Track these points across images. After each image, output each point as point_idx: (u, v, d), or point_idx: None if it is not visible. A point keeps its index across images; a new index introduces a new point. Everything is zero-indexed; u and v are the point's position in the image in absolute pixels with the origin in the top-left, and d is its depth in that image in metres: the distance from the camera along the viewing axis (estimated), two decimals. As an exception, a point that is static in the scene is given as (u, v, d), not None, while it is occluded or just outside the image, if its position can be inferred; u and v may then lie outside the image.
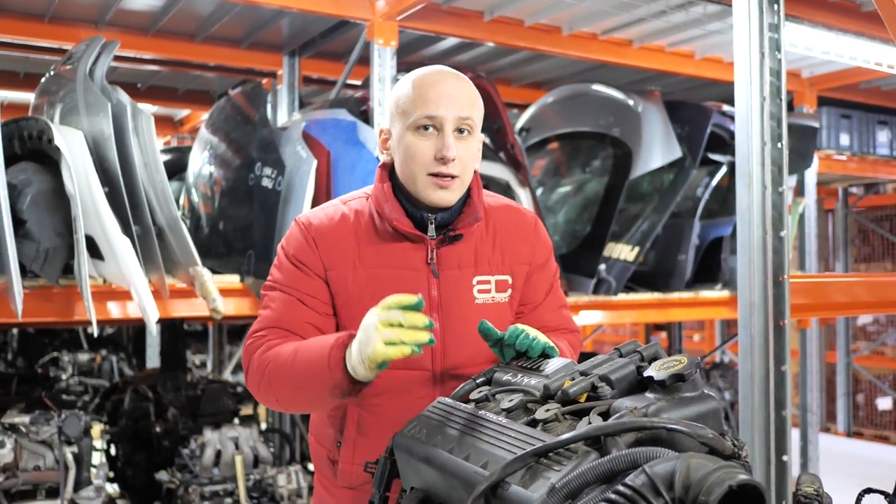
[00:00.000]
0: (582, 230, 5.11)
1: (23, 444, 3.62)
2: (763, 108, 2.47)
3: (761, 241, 2.50)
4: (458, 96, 1.73)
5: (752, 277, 2.52)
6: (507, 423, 1.28)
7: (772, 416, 2.46)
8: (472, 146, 1.76)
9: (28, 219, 3.25)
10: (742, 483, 0.91)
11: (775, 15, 2.52)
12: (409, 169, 1.73)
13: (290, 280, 1.76)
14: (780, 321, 2.49)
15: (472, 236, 1.80)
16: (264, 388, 1.71)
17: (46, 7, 4.43)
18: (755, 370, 2.51)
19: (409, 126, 1.72)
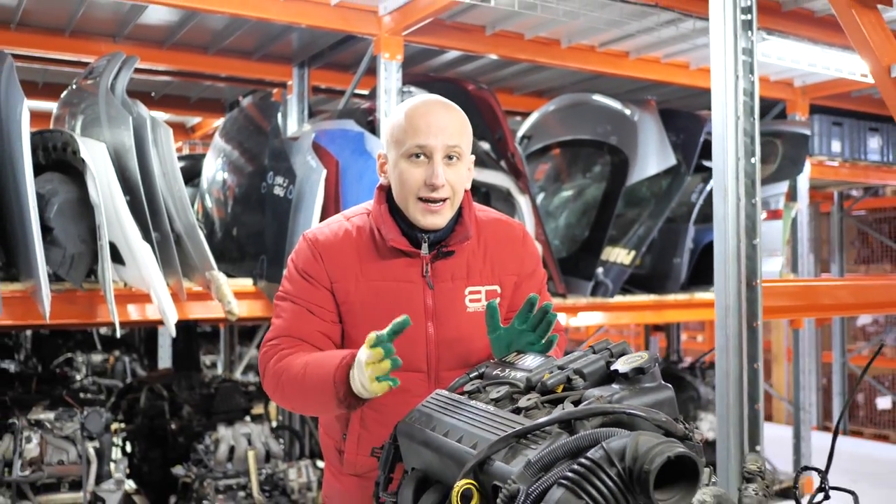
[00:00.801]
0: (580, 234, 5.30)
1: (48, 440, 3.82)
2: (737, 125, 2.67)
3: (735, 249, 2.70)
4: (446, 126, 1.90)
5: (727, 282, 2.72)
6: (494, 411, 1.48)
7: (745, 409, 2.66)
8: (460, 171, 1.93)
9: (55, 226, 3.46)
10: (679, 454, 1.11)
11: (749, 40, 2.71)
12: (402, 194, 1.92)
13: (300, 291, 1.95)
14: (753, 322, 2.68)
15: (464, 250, 1.99)
16: (279, 396, 1.91)
17: (67, 22, 4.64)
18: (730, 368, 2.71)
19: (402, 154, 1.90)
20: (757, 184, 2.66)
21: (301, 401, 1.90)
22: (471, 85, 4.84)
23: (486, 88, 4.82)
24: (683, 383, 6.04)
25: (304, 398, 1.86)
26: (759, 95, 2.71)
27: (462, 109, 4.94)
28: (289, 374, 1.86)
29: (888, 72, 2.70)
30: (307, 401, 1.88)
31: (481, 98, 4.78)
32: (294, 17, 4.23)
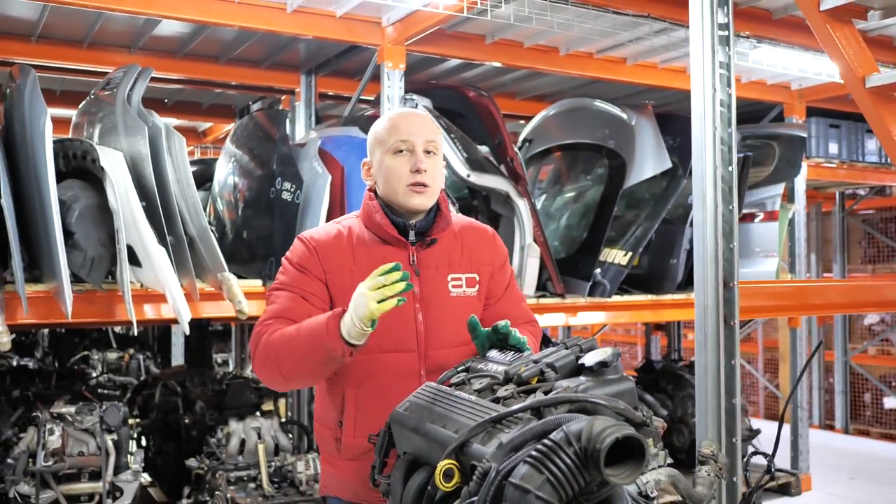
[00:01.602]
0: (579, 236, 5.46)
1: (69, 432, 4.03)
2: (715, 135, 2.83)
3: (714, 252, 2.87)
4: (423, 125, 2.20)
5: (705, 283, 2.89)
6: (475, 400, 1.65)
7: (723, 403, 2.82)
8: (437, 163, 2.21)
9: (76, 231, 3.65)
10: (626, 436, 1.28)
11: (726, 54, 2.88)
12: (391, 184, 2.17)
13: (294, 280, 2.16)
14: (730, 321, 2.85)
15: (445, 242, 2.24)
16: (270, 364, 2.05)
17: (85, 34, 4.84)
18: (708, 364, 2.88)
19: (388, 151, 2.18)
20: (734, 190, 2.82)
21: (293, 362, 2.01)
22: (471, 92, 5.01)
23: (485, 95, 4.99)
24: (682, 381, 6.20)
25: (296, 357, 2.00)
26: (736, 105, 2.90)
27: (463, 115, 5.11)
28: (281, 340, 2.02)
29: (863, 83, 2.85)
30: (299, 360, 2.00)
31: (481, 104, 4.96)
32: (300, 29, 4.41)
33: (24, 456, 3.85)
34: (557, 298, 5.00)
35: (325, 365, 2.00)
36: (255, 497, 4.37)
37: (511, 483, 1.31)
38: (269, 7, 4.28)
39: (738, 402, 2.85)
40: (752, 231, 6.12)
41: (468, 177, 4.56)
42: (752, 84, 6.03)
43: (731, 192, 2.86)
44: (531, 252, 4.78)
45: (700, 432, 2.90)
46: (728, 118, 2.86)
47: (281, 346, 2.03)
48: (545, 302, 4.96)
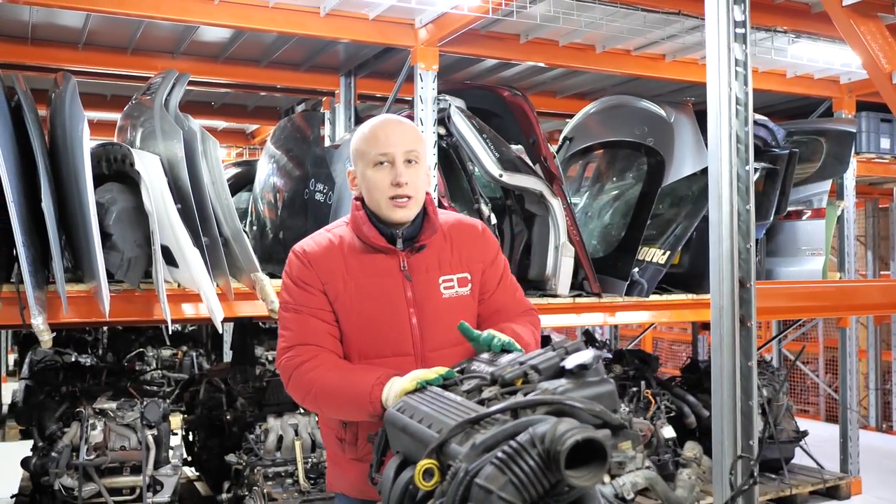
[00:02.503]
0: (617, 235, 5.42)
1: (111, 427, 4.17)
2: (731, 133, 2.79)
3: (729, 252, 2.82)
4: (403, 134, 2.20)
5: (721, 283, 2.84)
6: (461, 401, 1.68)
7: (738, 405, 2.78)
8: (419, 172, 2.21)
9: (113, 232, 3.78)
10: (586, 438, 1.28)
11: (743, 52, 2.83)
12: (373, 197, 2.19)
13: (300, 299, 2.20)
14: (747, 322, 2.80)
15: (434, 246, 2.25)
16: (310, 403, 2.17)
17: (129, 41, 5.00)
18: (724, 365, 2.83)
19: (368, 163, 2.19)
20: (750, 189, 2.78)
21: (333, 412, 2.19)
22: (505, 91, 5.02)
23: (519, 94, 4.99)
24: (726, 381, 6.09)
25: (337, 410, 2.15)
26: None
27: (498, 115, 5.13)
28: (321, 388, 2.11)
29: (889, 78, 2.78)
30: (338, 412, 2.17)
31: (515, 104, 4.96)
32: (335, 33, 4.48)
33: (67, 450, 4.00)
34: (594, 298, 4.97)
35: (362, 418, 2.09)
36: (292, 493, 4.45)
37: (476, 483, 1.33)
38: (302, 11, 4.36)
39: (754, 405, 2.80)
40: (799, 229, 5.98)
41: (500, 176, 4.56)
42: (799, 79, 5.89)
43: (747, 192, 2.81)
44: (565, 251, 4.76)
45: (716, 435, 2.86)
46: (745, 116, 2.82)
47: (322, 394, 2.12)
48: (581, 301, 4.94)
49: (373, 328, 2.20)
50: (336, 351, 2.20)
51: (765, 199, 5.73)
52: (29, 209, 3.61)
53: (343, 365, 2.17)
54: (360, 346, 2.21)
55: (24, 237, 3.44)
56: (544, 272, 4.85)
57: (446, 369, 1.89)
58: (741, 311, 2.81)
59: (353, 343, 2.22)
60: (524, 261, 4.99)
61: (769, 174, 5.69)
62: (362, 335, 2.21)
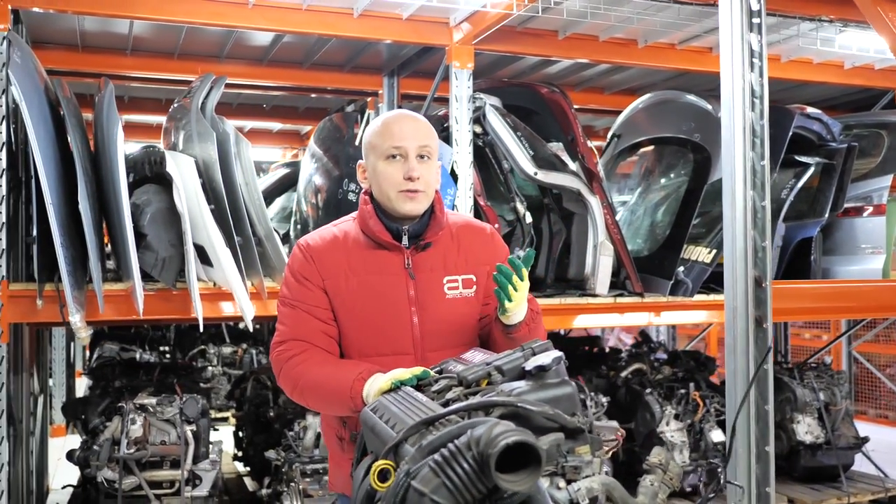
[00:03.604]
0: (662, 233, 5.30)
1: (151, 422, 4.28)
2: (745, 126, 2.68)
3: (744, 250, 2.71)
4: (416, 130, 2.18)
5: (735, 283, 2.74)
6: (425, 402, 1.66)
7: (752, 410, 2.67)
8: (431, 168, 2.20)
9: (148, 233, 3.88)
10: (517, 442, 1.25)
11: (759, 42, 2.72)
12: (383, 190, 2.18)
13: (297, 295, 2.21)
14: (763, 323, 2.69)
15: (440, 245, 2.23)
16: (297, 396, 2.20)
17: (174, 46, 5.12)
18: (738, 368, 2.73)
19: (380, 156, 2.18)
20: (766, 185, 2.67)
21: (317, 405, 2.22)
22: (543, 88, 4.96)
23: (557, 91, 4.93)
24: (780, 384, 5.88)
25: (320, 403, 2.18)
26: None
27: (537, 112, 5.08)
28: (306, 381, 2.14)
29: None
30: (322, 405, 2.20)
31: (553, 100, 4.90)
32: (369, 33, 4.51)
33: (107, 443, 4.12)
34: (636, 297, 4.88)
35: (345, 413, 2.11)
36: (327, 490, 4.49)
37: (412, 485, 1.31)
38: (336, 12, 4.40)
39: (770, 409, 2.69)
40: (858, 226, 5.74)
41: (536, 174, 4.52)
42: (858, 70, 5.66)
43: (763, 187, 2.70)
44: (604, 250, 4.68)
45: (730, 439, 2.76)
46: (761, 109, 2.71)
47: (307, 387, 2.14)
48: (623, 301, 4.85)
49: (373, 326, 2.20)
50: (328, 349, 2.21)
51: (820, 195, 5.53)
52: (69, 211, 3.73)
53: (329, 360, 2.17)
54: (360, 344, 2.22)
55: (63, 238, 3.55)
56: (583, 271, 4.78)
57: (422, 369, 1.88)
58: (757, 311, 2.70)
59: (352, 340, 2.23)
60: (563, 260, 4.93)
61: (825, 169, 5.49)
62: (362, 332, 2.21)
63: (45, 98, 3.90)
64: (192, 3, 4.13)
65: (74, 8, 4.01)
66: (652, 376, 5.80)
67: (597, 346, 6.94)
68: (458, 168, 4.50)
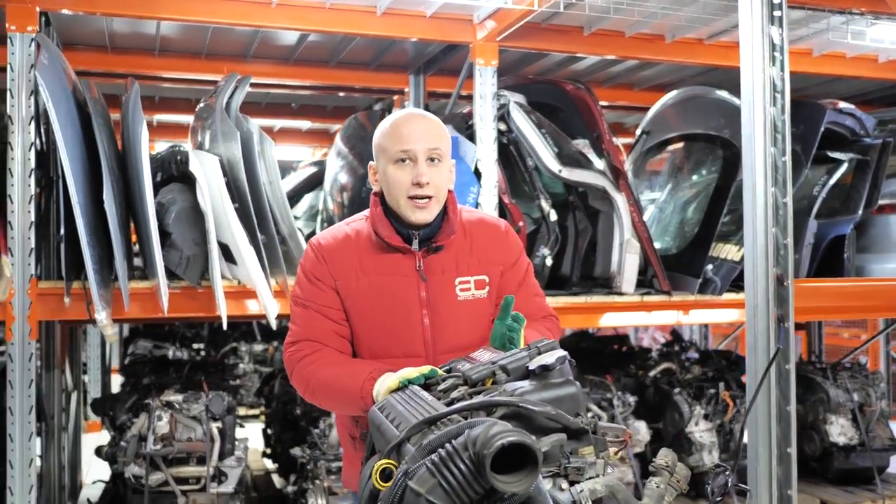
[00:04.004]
0: (690, 231, 5.24)
1: (178, 419, 4.32)
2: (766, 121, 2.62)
3: (764, 247, 2.66)
4: (426, 132, 2.14)
5: (756, 281, 2.68)
6: (431, 401, 1.65)
7: (773, 411, 2.61)
8: (442, 171, 2.16)
9: (173, 231, 3.92)
10: (513, 442, 1.23)
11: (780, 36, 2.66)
12: (393, 195, 2.15)
13: (309, 295, 2.20)
14: (784, 322, 2.64)
15: (453, 245, 2.20)
16: (309, 396, 2.19)
17: (202, 46, 5.16)
18: (758, 369, 2.67)
19: (389, 160, 2.14)
20: (788, 181, 2.61)
21: (329, 404, 2.22)
22: (569, 85, 4.93)
23: (583, 87, 4.89)
24: (813, 385, 5.78)
25: (332, 403, 2.18)
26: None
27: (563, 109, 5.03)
28: (318, 381, 2.13)
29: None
30: (333, 405, 2.20)
31: (579, 97, 4.86)
32: (392, 31, 4.50)
33: (134, 440, 4.17)
34: (663, 296, 4.82)
35: (356, 412, 2.10)
36: (348, 487, 4.50)
37: (408, 485, 1.30)
38: (359, 11, 4.39)
39: (792, 410, 2.63)
40: (894, 224, 5.62)
41: (560, 172, 4.49)
42: (893, 63, 5.53)
43: (785, 183, 2.65)
44: (630, 248, 4.64)
45: (751, 443, 2.71)
46: (782, 104, 2.65)
47: (319, 387, 2.13)
48: (649, 300, 4.80)
49: (384, 328, 2.18)
50: (340, 349, 2.20)
51: (854, 192, 5.42)
52: (96, 210, 3.78)
53: (340, 359, 2.17)
54: (371, 346, 2.20)
55: (90, 237, 3.60)
56: (609, 269, 4.74)
57: (431, 368, 1.86)
58: (779, 310, 2.65)
59: (364, 342, 2.22)
60: (589, 258, 4.89)
61: (858, 165, 5.38)
62: (373, 334, 2.20)
63: (72, 99, 3.95)
64: (215, 3, 4.15)
65: (100, 9, 4.06)
66: (681, 376, 5.74)
67: (626, 345, 6.88)
68: (481, 166, 4.48)
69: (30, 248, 3.80)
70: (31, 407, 3.79)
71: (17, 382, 3.76)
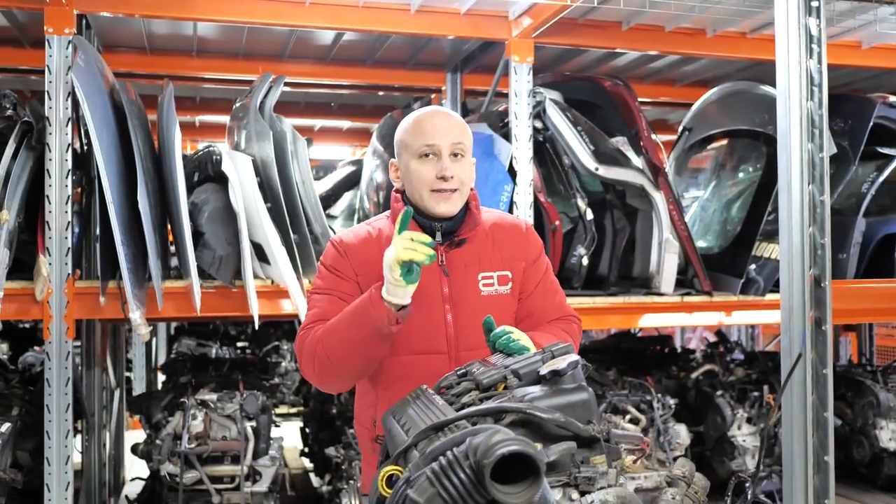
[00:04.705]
0: (733, 230, 5.11)
1: (212, 418, 4.34)
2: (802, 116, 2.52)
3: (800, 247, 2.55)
4: (450, 127, 2.12)
5: (791, 282, 2.57)
6: (441, 406, 1.60)
7: (809, 417, 2.50)
8: (465, 166, 2.13)
9: (206, 231, 3.93)
10: (514, 452, 1.18)
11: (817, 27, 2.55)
12: (416, 189, 2.12)
13: (329, 283, 2.17)
14: (822, 325, 2.52)
15: (475, 241, 2.17)
16: (319, 358, 2.04)
17: (238, 46, 5.19)
18: (794, 373, 2.56)
19: (413, 155, 2.11)
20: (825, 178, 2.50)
21: (341, 349, 2.01)
22: (606, 81, 4.83)
23: (621, 84, 4.79)
24: (863, 388, 5.60)
25: (344, 341, 2.00)
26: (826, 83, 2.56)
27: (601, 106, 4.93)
28: (325, 331, 2.03)
29: None
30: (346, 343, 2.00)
31: (617, 93, 4.77)
32: (426, 29, 4.46)
33: (168, 438, 4.20)
34: (704, 296, 4.71)
35: (373, 339, 1.98)
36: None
37: (408, 495, 1.26)
38: (392, 9, 4.36)
39: (830, 417, 2.52)
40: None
41: (596, 170, 4.40)
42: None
43: (822, 180, 2.54)
44: (669, 247, 4.53)
45: (786, 448, 2.60)
46: (819, 98, 2.54)
47: (327, 334, 2.03)
48: (689, 300, 4.69)
49: (406, 323, 2.14)
50: None
51: (906, 189, 5.24)
52: (132, 210, 3.82)
53: None
54: (393, 342, 2.14)
55: (124, 236, 3.63)
56: (648, 269, 4.64)
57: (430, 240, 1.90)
58: (816, 312, 2.54)
59: None
60: (628, 258, 4.80)
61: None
62: None
63: (109, 100, 3.99)
64: (248, 3, 4.16)
65: (135, 11, 4.08)
66: (724, 378, 5.61)
67: (668, 345, 6.75)
68: (517, 164, 4.41)
69: (66, 248, 3.84)
70: (69, 405, 3.84)
71: (55, 380, 3.81)
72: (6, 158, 3.82)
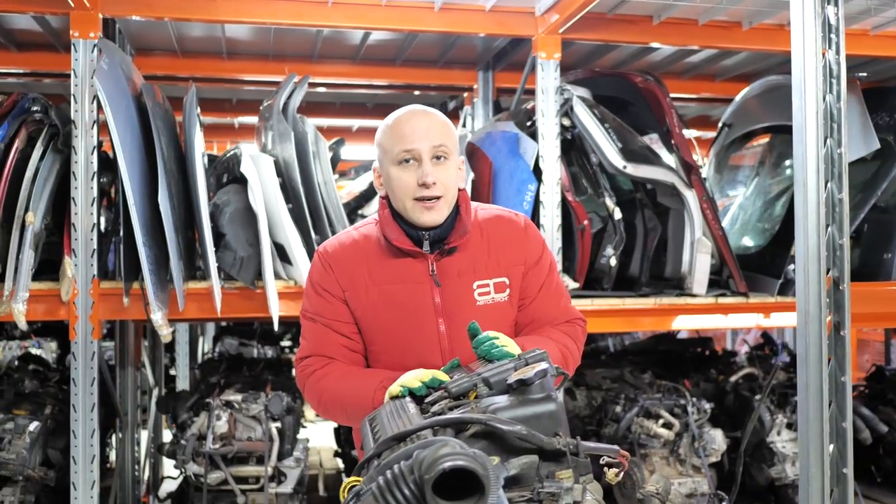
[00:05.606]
0: (771, 229, 4.94)
1: (237, 418, 4.35)
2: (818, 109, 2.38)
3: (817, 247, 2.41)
4: (429, 128, 1.99)
5: (808, 284, 2.44)
6: (412, 414, 1.55)
7: (825, 427, 2.37)
8: (449, 169, 2.01)
9: (227, 232, 3.94)
10: (458, 467, 1.11)
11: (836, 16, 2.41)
12: (398, 198, 2.02)
13: (317, 308, 2.10)
14: (840, 330, 2.38)
15: (468, 247, 2.06)
16: (322, 412, 2.11)
17: (267, 47, 5.20)
18: (810, 380, 2.42)
19: (392, 162, 2.01)
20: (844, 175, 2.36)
21: (343, 419, 2.12)
22: (637, 77, 4.72)
23: (652, 80, 4.67)
24: None
25: (345, 417, 2.06)
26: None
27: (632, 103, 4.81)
28: (329, 395, 2.04)
29: None
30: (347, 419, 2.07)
31: (648, 90, 4.65)
32: (450, 27, 4.41)
33: (193, 438, 4.22)
34: (739, 298, 4.56)
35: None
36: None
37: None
38: (416, 7, 4.31)
39: (848, 426, 2.39)
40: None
41: (625, 168, 4.29)
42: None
43: (841, 177, 2.40)
44: (701, 247, 4.40)
45: (802, 459, 2.47)
46: (838, 90, 2.41)
47: (331, 403, 2.05)
48: (724, 301, 4.55)
49: (397, 338, 2.06)
50: (352, 363, 2.10)
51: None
52: (155, 212, 3.84)
53: (351, 372, 2.06)
54: (385, 358, 2.09)
55: (146, 238, 3.66)
56: (680, 269, 4.51)
57: (432, 376, 1.75)
58: (834, 316, 2.41)
59: (377, 354, 2.11)
60: (660, 258, 4.67)
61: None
62: (386, 346, 2.09)
63: (133, 103, 4.02)
64: (271, 3, 4.15)
65: (159, 14, 4.11)
66: (764, 381, 5.42)
67: (708, 347, 6.57)
68: (543, 163, 4.33)
69: (92, 250, 3.88)
70: (94, 405, 3.88)
71: (80, 380, 3.85)
72: (33, 161, 3.88)
